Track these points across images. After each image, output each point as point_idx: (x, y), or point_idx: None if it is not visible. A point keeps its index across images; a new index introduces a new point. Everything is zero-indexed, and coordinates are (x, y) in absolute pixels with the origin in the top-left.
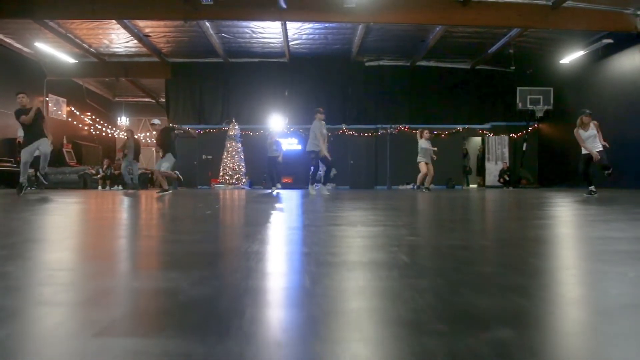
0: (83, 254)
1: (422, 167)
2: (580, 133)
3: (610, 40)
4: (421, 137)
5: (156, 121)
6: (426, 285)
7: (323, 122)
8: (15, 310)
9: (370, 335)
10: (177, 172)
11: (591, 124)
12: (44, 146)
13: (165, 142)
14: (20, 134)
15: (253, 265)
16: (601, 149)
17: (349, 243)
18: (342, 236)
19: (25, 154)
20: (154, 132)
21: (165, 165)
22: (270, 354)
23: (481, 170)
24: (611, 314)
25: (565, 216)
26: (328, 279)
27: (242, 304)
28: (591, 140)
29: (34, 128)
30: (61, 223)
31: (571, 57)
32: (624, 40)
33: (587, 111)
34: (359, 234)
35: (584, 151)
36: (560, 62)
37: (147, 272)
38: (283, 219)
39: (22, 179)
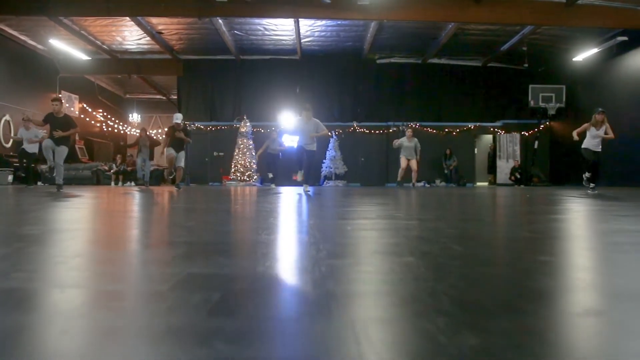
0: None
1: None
2: (592, 130)
3: (625, 38)
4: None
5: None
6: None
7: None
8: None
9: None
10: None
11: (604, 125)
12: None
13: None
14: (20, 135)
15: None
16: (599, 150)
17: (335, 229)
18: (331, 225)
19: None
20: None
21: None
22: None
23: (492, 168)
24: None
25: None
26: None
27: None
28: (598, 140)
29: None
30: (101, 216)
31: (584, 54)
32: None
33: (600, 109)
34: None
35: (590, 147)
36: (574, 59)
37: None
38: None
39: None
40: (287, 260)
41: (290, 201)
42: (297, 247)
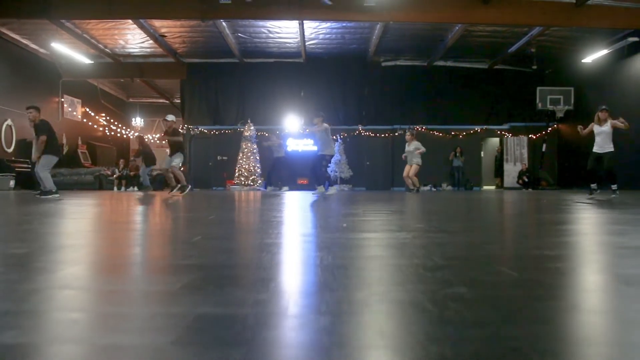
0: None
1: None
2: (595, 128)
3: (636, 38)
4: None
5: (170, 117)
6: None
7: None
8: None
9: None
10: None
11: (608, 121)
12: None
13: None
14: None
15: None
16: (610, 150)
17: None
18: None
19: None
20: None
21: (177, 161)
22: None
23: (499, 172)
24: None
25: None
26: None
27: None
28: (602, 137)
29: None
30: (99, 229)
31: (594, 56)
32: None
33: (603, 107)
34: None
35: (594, 149)
36: (583, 61)
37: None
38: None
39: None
40: (327, 292)
41: (304, 208)
42: (331, 270)
